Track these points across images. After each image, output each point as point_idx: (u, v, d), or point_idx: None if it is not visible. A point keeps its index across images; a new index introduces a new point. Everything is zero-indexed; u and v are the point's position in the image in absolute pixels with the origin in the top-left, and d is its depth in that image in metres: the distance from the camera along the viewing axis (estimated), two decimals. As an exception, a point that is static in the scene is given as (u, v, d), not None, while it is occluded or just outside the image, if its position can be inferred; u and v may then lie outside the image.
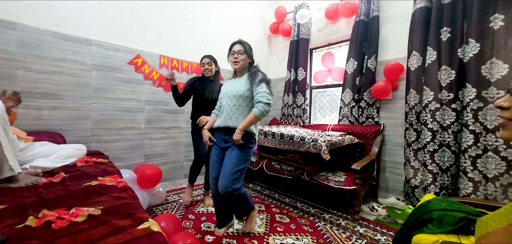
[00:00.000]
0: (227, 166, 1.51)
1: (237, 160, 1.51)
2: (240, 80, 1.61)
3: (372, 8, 2.54)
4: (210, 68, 2.08)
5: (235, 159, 1.51)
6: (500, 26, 1.73)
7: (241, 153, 1.53)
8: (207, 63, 2.08)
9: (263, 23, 3.67)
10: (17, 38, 1.76)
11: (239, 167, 1.52)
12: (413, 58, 2.17)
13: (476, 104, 1.82)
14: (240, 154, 1.53)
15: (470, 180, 1.83)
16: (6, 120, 1.15)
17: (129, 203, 0.98)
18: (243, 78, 1.60)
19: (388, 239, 1.68)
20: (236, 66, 1.59)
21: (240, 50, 1.57)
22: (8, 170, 1.10)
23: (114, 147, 2.27)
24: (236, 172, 1.50)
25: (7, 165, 1.09)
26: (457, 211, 0.88)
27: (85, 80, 2.08)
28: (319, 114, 3.35)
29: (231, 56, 1.59)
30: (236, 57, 1.56)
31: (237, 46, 1.58)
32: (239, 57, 1.56)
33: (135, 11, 2.35)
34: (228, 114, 1.57)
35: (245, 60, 1.58)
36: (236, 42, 1.60)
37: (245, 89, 1.54)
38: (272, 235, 1.69)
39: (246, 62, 1.60)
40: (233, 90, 1.57)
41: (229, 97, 1.58)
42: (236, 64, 1.58)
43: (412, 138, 2.18)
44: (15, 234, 0.70)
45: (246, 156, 1.56)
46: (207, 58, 2.09)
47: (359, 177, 1.98)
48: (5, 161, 1.08)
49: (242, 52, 1.57)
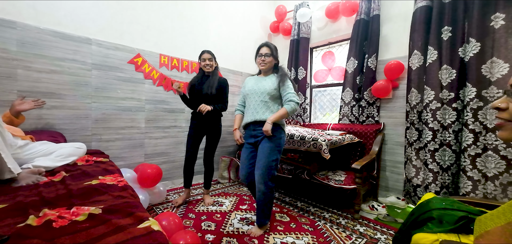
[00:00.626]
0: (261, 159, 1.63)
1: (270, 151, 1.63)
2: (266, 79, 1.74)
3: (373, 7, 2.53)
4: (211, 64, 2.10)
5: (268, 150, 1.63)
6: (500, 25, 1.73)
7: (272, 144, 1.64)
8: (208, 59, 2.09)
9: (263, 22, 3.67)
10: (17, 38, 1.76)
11: (273, 157, 1.63)
12: (415, 58, 2.16)
13: (476, 104, 1.82)
14: (272, 145, 1.64)
15: (469, 178, 1.83)
16: (0, 122, 1.15)
17: (129, 202, 0.98)
18: (270, 77, 1.74)
19: (388, 238, 1.68)
20: (263, 67, 1.73)
21: (267, 53, 1.70)
22: (8, 173, 1.10)
23: (115, 146, 2.27)
24: (271, 161, 1.62)
25: (6, 168, 1.09)
26: (457, 210, 0.88)
27: (85, 80, 2.08)
28: (319, 113, 3.35)
29: (258, 58, 1.73)
30: (263, 59, 1.70)
31: (264, 49, 1.71)
32: (266, 60, 1.70)
33: (135, 10, 2.35)
34: (255, 109, 1.70)
35: (271, 62, 1.72)
36: (264, 45, 1.73)
37: (272, 88, 1.68)
38: (272, 234, 1.69)
39: (272, 64, 1.74)
40: (260, 88, 1.71)
41: (256, 94, 1.72)
42: (263, 65, 1.72)
43: (413, 137, 2.18)
44: (16, 233, 0.70)
45: (278, 147, 1.67)
46: (208, 54, 2.10)
47: (359, 176, 1.98)
48: (4, 164, 1.08)
49: (269, 55, 1.70)
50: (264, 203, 1.66)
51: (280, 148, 1.69)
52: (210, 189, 2.29)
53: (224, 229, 1.73)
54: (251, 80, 1.82)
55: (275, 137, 1.65)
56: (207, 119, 2.12)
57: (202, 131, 2.18)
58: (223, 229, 1.74)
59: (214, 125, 2.16)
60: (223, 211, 2.05)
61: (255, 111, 1.70)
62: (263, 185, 1.62)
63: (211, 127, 2.16)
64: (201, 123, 2.14)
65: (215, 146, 2.21)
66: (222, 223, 1.83)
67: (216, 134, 2.18)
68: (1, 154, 1.06)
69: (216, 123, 2.17)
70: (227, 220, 1.88)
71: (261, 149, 1.66)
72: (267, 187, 1.63)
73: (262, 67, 1.74)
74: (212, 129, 2.16)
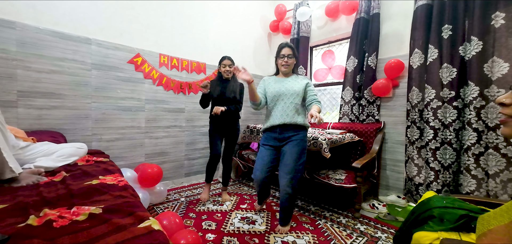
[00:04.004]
0: (290, 163, 1.61)
1: (298, 155, 1.63)
2: (289, 80, 1.73)
3: (373, 6, 2.53)
4: (230, 70, 2.20)
5: (296, 154, 1.62)
6: (501, 24, 1.72)
7: (300, 147, 1.64)
8: (228, 65, 2.19)
9: (263, 21, 3.66)
10: (16, 38, 1.76)
11: (301, 161, 1.64)
12: (415, 56, 2.16)
13: (479, 103, 1.82)
14: (300, 148, 1.64)
15: (474, 177, 1.83)
16: (3, 121, 1.15)
17: (130, 202, 0.98)
18: (293, 79, 1.74)
19: (388, 236, 1.69)
20: (286, 69, 1.72)
21: (289, 54, 1.69)
22: (9, 172, 1.10)
23: (115, 146, 2.27)
24: (299, 165, 1.63)
25: (7, 167, 1.09)
26: (458, 208, 0.88)
27: (85, 79, 2.07)
28: (319, 112, 3.34)
29: (280, 59, 1.71)
30: (286, 61, 1.69)
31: (287, 50, 1.69)
32: (289, 61, 1.69)
33: (134, 9, 2.34)
34: (284, 112, 1.67)
35: (293, 63, 1.71)
36: (285, 46, 1.71)
37: (301, 89, 1.68)
38: (273, 233, 1.69)
39: (293, 65, 1.73)
40: (289, 90, 1.69)
41: (286, 96, 1.68)
42: (286, 67, 1.71)
43: (415, 135, 2.18)
44: (17, 233, 0.70)
45: (305, 149, 1.69)
46: (228, 60, 2.21)
47: (359, 174, 1.98)
48: (5, 163, 1.08)
49: (291, 56, 1.69)
50: (290, 205, 1.68)
51: (305, 151, 1.70)
52: (227, 186, 2.40)
53: (224, 229, 1.73)
54: (272, 81, 1.79)
55: (303, 140, 1.66)
56: (225, 121, 2.23)
57: (221, 132, 2.27)
58: (224, 228, 1.74)
59: (232, 126, 2.27)
60: (223, 211, 2.05)
61: (284, 114, 1.66)
62: (290, 188, 1.61)
63: (230, 129, 2.26)
64: (220, 125, 2.24)
65: (233, 146, 2.32)
66: (223, 223, 1.83)
67: (234, 135, 2.30)
68: (2, 153, 1.06)
69: (234, 124, 2.28)
70: (228, 220, 1.88)
71: (289, 152, 1.63)
72: (294, 190, 1.63)
73: (284, 69, 1.72)
74: (230, 130, 2.27)
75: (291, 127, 1.66)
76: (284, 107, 1.67)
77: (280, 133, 1.68)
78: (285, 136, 1.67)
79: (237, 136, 2.32)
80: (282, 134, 1.68)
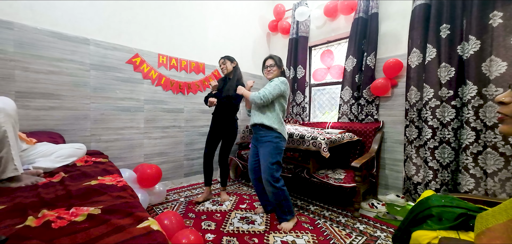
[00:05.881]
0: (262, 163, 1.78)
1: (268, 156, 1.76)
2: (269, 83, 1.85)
3: (371, 5, 2.53)
4: (224, 67, 2.20)
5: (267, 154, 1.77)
6: (499, 23, 1.73)
7: (269, 148, 1.76)
8: (221, 63, 2.22)
9: (262, 21, 3.66)
10: (14, 38, 1.75)
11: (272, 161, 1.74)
12: (414, 56, 2.17)
13: (477, 102, 1.82)
14: (269, 149, 1.76)
15: (472, 176, 1.84)
16: (17, 120, 1.19)
17: (128, 202, 0.97)
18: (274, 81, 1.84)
19: (387, 235, 1.69)
20: (269, 77, 1.86)
21: (271, 64, 1.84)
22: (12, 170, 1.11)
23: (114, 147, 2.27)
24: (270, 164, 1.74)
25: (12, 164, 1.11)
26: (457, 207, 0.89)
27: (83, 80, 2.07)
28: (318, 112, 3.35)
29: (264, 69, 1.88)
30: (268, 70, 1.85)
31: (269, 61, 1.86)
32: (271, 70, 1.84)
33: (132, 9, 2.34)
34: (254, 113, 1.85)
35: (276, 71, 1.85)
36: (268, 58, 1.87)
37: None
38: (273, 232, 1.69)
39: (277, 73, 1.85)
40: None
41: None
42: (269, 75, 1.85)
43: (413, 135, 2.18)
44: (15, 234, 0.70)
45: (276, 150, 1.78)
46: (221, 59, 2.23)
47: (358, 174, 1.98)
48: (10, 160, 1.10)
49: (273, 65, 1.84)
50: (277, 201, 1.76)
51: (279, 150, 1.78)
52: (225, 186, 2.37)
53: (224, 228, 1.73)
54: None
55: (272, 141, 1.76)
56: (222, 121, 2.23)
57: (218, 131, 2.27)
58: (223, 228, 1.74)
59: (228, 126, 2.24)
60: (223, 211, 2.05)
61: (254, 114, 1.84)
62: (269, 185, 1.74)
63: (226, 128, 2.24)
64: (217, 124, 2.25)
65: (230, 147, 2.29)
66: (222, 222, 1.83)
67: (230, 135, 2.27)
68: (11, 150, 1.09)
69: (230, 125, 2.25)
70: (227, 219, 1.88)
71: (261, 153, 1.80)
72: (273, 187, 1.73)
73: (268, 77, 1.87)
74: (226, 130, 2.25)
75: (259, 126, 1.81)
76: (254, 108, 1.86)
77: (255, 132, 1.87)
78: (258, 136, 1.84)
79: (234, 136, 2.28)
80: (256, 133, 1.86)
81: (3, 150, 1.07)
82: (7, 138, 1.08)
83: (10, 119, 1.12)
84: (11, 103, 1.16)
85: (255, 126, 1.85)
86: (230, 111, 2.23)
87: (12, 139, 1.11)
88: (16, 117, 1.18)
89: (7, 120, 1.09)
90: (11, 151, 1.09)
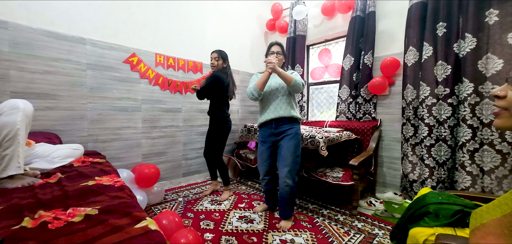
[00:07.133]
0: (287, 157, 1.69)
1: (294, 148, 1.70)
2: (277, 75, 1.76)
3: (369, 4, 2.54)
4: (213, 63, 2.25)
5: (293, 147, 1.70)
6: (495, 21, 1.74)
7: (295, 140, 1.72)
8: (214, 58, 2.25)
9: (260, 20, 3.65)
10: (9, 38, 1.73)
11: (297, 153, 1.72)
12: (410, 54, 2.18)
13: (473, 99, 1.84)
14: (295, 141, 1.72)
15: (469, 173, 1.85)
16: (30, 122, 1.23)
17: (126, 202, 0.97)
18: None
19: (385, 233, 1.70)
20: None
21: (279, 51, 1.79)
22: (15, 167, 1.12)
23: (111, 147, 2.25)
24: (296, 157, 1.71)
25: (16, 162, 1.12)
26: (453, 204, 0.89)
27: (80, 80, 2.05)
28: (316, 111, 3.36)
29: (270, 55, 1.77)
30: (276, 57, 1.75)
31: (276, 47, 1.80)
32: (279, 57, 1.77)
33: (129, 9, 2.32)
34: (278, 105, 1.75)
35: (282, 59, 1.80)
36: (274, 44, 1.82)
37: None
38: (271, 231, 1.70)
39: (282, 61, 1.81)
40: (281, 84, 1.76)
41: (277, 90, 1.77)
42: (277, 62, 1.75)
43: (409, 133, 2.20)
44: (11, 235, 0.69)
45: (300, 142, 1.77)
46: (214, 53, 2.28)
47: (357, 172, 1.99)
48: (16, 157, 1.12)
49: (280, 53, 1.79)
50: (290, 197, 1.74)
51: (300, 143, 1.79)
52: (228, 185, 2.38)
53: (223, 228, 1.73)
54: None
55: (297, 133, 1.73)
56: (210, 116, 2.32)
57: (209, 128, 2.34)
58: (222, 227, 1.74)
59: (213, 121, 2.30)
60: (221, 210, 2.05)
61: (278, 107, 1.75)
62: (291, 180, 1.70)
63: (211, 123, 2.32)
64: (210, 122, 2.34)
65: (216, 142, 2.29)
66: (221, 222, 1.82)
67: (215, 130, 2.28)
68: (19, 147, 1.12)
69: (214, 119, 2.29)
70: (226, 219, 1.88)
71: (286, 147, 1.71)
72: (294, 181, 1.72)
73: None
74: (211, 125, 2.32)
75: (285, 120, 1.73)
76: (277, 101, 1.76)
77: (276, 127, 1.76)
78: (281, 130, 1.75)
79: (220, 131, 2.26)
80: (278, 128, 1.75)
81: (11, 147, 1.10)
82: (18, 136, 1.12)
83: (26, 120, 1.18)
84: (30, 106, 1.23)
85: (278, 120, 1.73)
86: (214, 106, 2.27)
87: (22, 139, 1.15)
88: (31, 120, 1.23)
89: (24, 120, 1.16)
90: (18, 148, 1.12)
